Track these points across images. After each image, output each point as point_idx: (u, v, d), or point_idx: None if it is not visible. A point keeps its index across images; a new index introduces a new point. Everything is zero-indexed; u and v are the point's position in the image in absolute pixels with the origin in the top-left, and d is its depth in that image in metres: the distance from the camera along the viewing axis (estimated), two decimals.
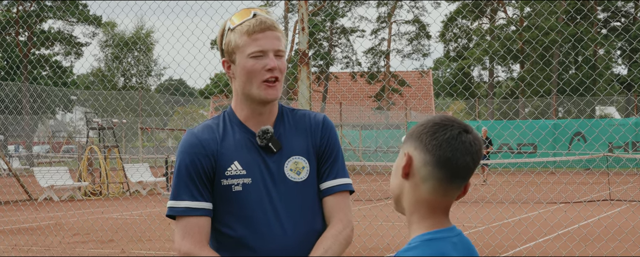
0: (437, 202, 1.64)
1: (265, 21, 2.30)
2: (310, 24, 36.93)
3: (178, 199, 2.32)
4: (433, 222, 1.64)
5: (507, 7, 42.07)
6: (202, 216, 2.31)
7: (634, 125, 25.77)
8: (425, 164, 1.61)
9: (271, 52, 2.30)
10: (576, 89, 31.06)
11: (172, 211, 2.33)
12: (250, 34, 2.29)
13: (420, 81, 45.14)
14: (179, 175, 2.34)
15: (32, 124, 41.38)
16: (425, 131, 1.63)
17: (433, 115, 1.68)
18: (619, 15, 40.03)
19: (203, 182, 2.32)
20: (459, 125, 1.63)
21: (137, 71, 49.97)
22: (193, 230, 2.30)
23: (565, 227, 10.04)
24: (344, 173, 2.44)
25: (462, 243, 1.65)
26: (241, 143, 2.36)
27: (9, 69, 34.19)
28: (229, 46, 2.34)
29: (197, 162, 2.32)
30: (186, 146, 2.35)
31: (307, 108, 6.03)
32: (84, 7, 42.16)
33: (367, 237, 9.30)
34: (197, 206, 2.31)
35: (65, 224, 12.20)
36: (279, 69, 2.31)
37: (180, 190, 2.32)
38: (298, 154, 2.38)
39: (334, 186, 2.40)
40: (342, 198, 2.42)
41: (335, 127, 2.49)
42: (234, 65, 2.35)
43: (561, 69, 36.81)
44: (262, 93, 2.31)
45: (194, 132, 2.38)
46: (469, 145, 1.61)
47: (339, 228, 2.37)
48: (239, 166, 2.33)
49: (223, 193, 2.33)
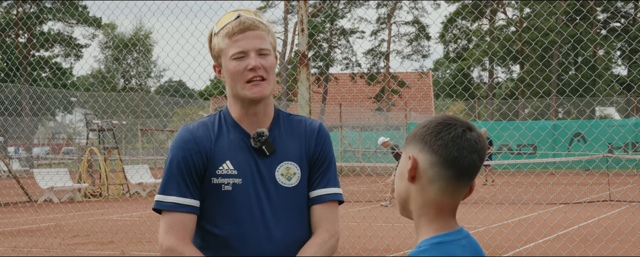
0: (445, 203, 1.63)
1: (244, 21, 2.29)
2: (310, 25, 36.94)
3: (166, 193, 2.32)
4: (441, 225, 1.63)
5: (507, 8, 42.09)
6: (188, 212, 2.30)
7: (633, 126, 25.76)
8: (432, 165, 1.60)
9: (253, 52, 2.29)
10: (576, 90, 31.08)
11: (158, 205, 2.32)
12: (231, 36, 2.29)
13: (420, 82, 45.15)
14: (170, 170, 2.33)
15: (32, 126, 41.37)
16: (429, 131, 1.62)
17: (433, 116, 1.67)
18: (618, 16, 40.05)
19: (193, 179, 2.32)
20: (462, 123, 1.62)
21: (136, 73, 49.98)
22: (178, 226, 2.29)
23: (565, 228, 10.05)
24: (335, 183, 2.42)
25: (470, 245, 1.65)
26: (235, 143, 2.35)
27: (8, 71, 34.22)
28: (215, 50, 2.36)
29: (188, 159, 2.32)
30: (180, 141, 2.35)
31: (307, 109, 6.03)
32: (84, 9, 42.19)
33: (367, 238, 9.30)
34: (184, 202, 2.30)
35: (65, 225, 12.20)
36: (263, 68, 2.30)
37: (169, 185, 2.32)
38: (291, 159, 2.37)
39: (323, 194, 2.39)
40: (330, 207, 2.40)
41: (330, 136, 2.48)
42: (222, 69, 2.36)
43: (561, 70, 36.82)
44: (248, 92, 2.30)
45: (189, 128, 2.38)
46: (474, 143, 1.61)
47: (325, 237, 2.36)
48: (231, 166, 2.33)
49: (213, 191, 2.33)
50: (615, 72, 41.57)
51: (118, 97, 37.80)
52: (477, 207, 11.68)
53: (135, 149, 34.35)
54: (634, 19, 39.41)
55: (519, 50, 36.09)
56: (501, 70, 44.85)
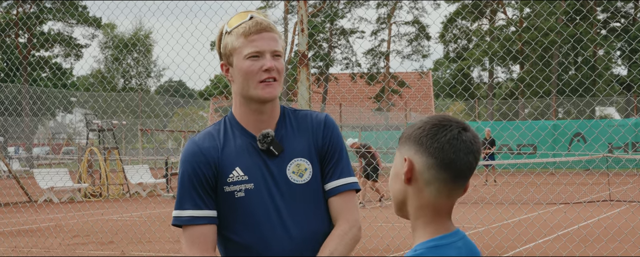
0: (442, 204, 1.63)
1: (261, 22, 2.31)
2: (310, 25, 36.94)
3: (182, 208, 2.34)
4: (437, 227, 1.63)
5: (507, 8, 42.09)
6: (206, 224, 2.32)
7: (633, 126, 25.76)
8: (429, 168, 1.60)
9: (268, 53, 2.31)
10: (576, 90, 31.07)
11: (177, 221, 2.35)
12: (247, 35, 2.30)
13: (420, 82, 45.14)
14: (182, 184, 2.35)
15: (32, 126, 41.37)
16: (425, 133, 1.61)
17: (427, 116, 1.66)
18: (618, 16, 40.05)
19: (206, 190, 2.33)
20: (457, 124, 1.62)
21: (136, 73, 49.97)
22: (199, 239, 2.31)
23: (565, 228, 10.05)
24: (348, 172, 2.42)
25: (466, 247, 1.65)
26: (242, 148, 2.36)
27: (8, 71, 34.22)
28: (227, 49, 2.35)
29: (198, 171, 2.33)
30: (188, 155, 2.37)
31: (307, 109, 6.03)
32: (84, 9, 42.19)
33: (367, 238, 9.31)
34: (201, 215, 2.32)
35: (65, 225, 12.20)
36: (276, 70, 2.32)
37: (184, 199, 2.34)
38: (300, 155, 2.37)
39: (338, 185, 2.39)
40: (347, 197, 2.41)
41: (337, 126, 2.47)
42: (232, 68, 2.36)
43: (561, 70, 36.82)
44: (260, 92, 2.31)
45: (195, 140, 2.39)
46: (470, 143, 1.60)
47: (345, 228, 2.37)
48: (241, 172, 2.34)
49: (226, 200, 2.34)
50: (615, 72, 41.58)
51: (118, 97, 37.80)
52: (477, 207, 11.68)
53: (135, 149, 34.35)
54: (634, 19, 39.40)
55: (519, 50, 36.09)
56: (501, 70, 44.86)
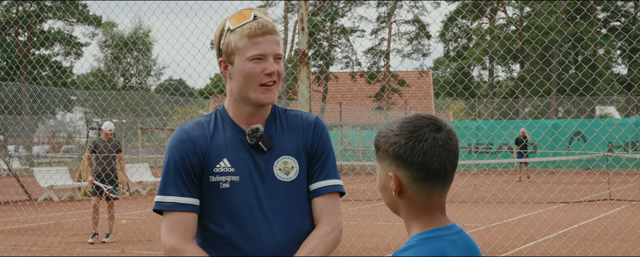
0: (433, 204, 1.64)
1: (266, 25, 2.31)
2: (310, 24, 36.94)
3: (165, 193, 2.33)
4: (430, 221, 1.64)
5: (507, 6, 42.08)
6: (188, 211, 2.31)
7: (633, 125, 25.76)
8: (416, 181, 1.61)
9: (271, 56, 2.31)
10: (576, 89, 31.07)
11: (159, 206, 2.33)
12: (251, 37, 2.29)
13: (420, 81, 45.13)
14: (168, 170, 2.34)
15: (32, 124, 41.37)
16: (401, 149, 1.60)
17: (397, 124, 1.62)
18: (618, 14, 40.03)
19: (191, 178, 2.33)
20: (429, 127, 1.60)
21: (136, 71, 49.96)
22: (179, 226, 2.30)
23: (565, 227, 10.04)
24: (334, 174, 2.42)
25: (462, 241, 1.65)
26: (231, 141, 2.36)
27: (8, 69, 34.19)
28: (228, 47, 2.34)
29: (185, 158, 2.32)
30: (176, 141, 2.36)
31: (307, 108, 6.03)
32: (84, 7, 42.16)
33: (367, 237, 9.30)
34: (184, 202, 2.31)
35: (65, 224, 12.20)
36: (277, 73, 2.32)
37: (167, 185, 2.33)
38: (288, 154, 2.37)
39: (323, 186, 2.39)
40: (331, 199, 2.40)
41: (327, 128, 2.48)
42: (232, 67, 2.35)
43: (561, 69, 36.81)
44: (260, 96, 2.31)
45: (185, 128, 2.39)
46: (447, 143, 1.60)
47: (327, 230, 2.36)
48: (228, 164, 2.33)
49: (211, 190, 2.33)
50: (616, 71, 41.59)
51: (118, 95, 37.78)
52: (477, 206, 11.69)
53: (135, 147, 34.36)
54: (634, 17, 39.39)
55: (519, 49, 36.08)
56: (501, 69, 44.87)
